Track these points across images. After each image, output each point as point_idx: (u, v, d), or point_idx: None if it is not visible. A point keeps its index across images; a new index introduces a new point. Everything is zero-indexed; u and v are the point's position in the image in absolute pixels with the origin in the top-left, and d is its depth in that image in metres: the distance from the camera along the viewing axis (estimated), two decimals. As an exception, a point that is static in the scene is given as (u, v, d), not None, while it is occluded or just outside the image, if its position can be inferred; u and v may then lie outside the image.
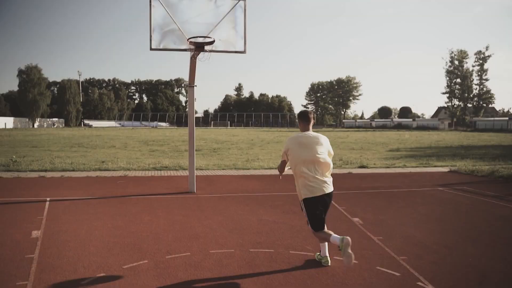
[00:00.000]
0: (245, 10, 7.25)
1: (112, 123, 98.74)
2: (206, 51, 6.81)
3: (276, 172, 6.30)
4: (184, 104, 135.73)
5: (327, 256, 4.59)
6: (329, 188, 4.50)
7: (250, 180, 10.58)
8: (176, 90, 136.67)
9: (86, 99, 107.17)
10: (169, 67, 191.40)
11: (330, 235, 4.30)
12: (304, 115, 4.71)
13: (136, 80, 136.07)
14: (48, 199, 7.63)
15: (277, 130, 75.94)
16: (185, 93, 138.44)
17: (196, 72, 8.01)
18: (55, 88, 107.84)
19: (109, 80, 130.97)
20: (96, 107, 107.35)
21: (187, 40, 6.80)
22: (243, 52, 7.31)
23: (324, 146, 4.61)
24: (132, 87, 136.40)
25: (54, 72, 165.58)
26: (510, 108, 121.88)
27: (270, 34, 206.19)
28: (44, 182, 9.95)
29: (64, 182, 9.86)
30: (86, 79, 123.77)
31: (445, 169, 13.91)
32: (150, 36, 6.79)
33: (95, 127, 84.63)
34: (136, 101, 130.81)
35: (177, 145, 25.33)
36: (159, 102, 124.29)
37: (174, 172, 12.01)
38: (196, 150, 21.87)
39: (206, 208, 7.17)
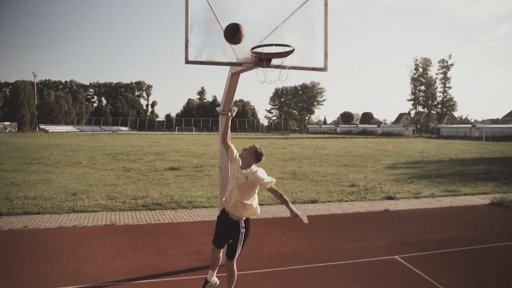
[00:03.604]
0: (326, 4, 4.77)
1: (70, 128, 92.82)
2: (284, 67, 4.27)
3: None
4: (145, 107, 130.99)
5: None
6: None
7: (284, 231, 8.07)
8: (137, 93, 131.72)
9: (41, 102, 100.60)
10: (130, 70, 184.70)
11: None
12: (261, 157, 4.76)
13: (95, 82, 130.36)
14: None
15: (244, 136, 73.69)
16: (146, 96, 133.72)
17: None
18: (7, 90, 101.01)
19: (66, 82, 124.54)
20: (53, 111, 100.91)
21: (250, 50, 4.26)
22: (323, 69, 4.81)
23: None
24: (91, 90, 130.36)
25: (6, 73, 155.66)
26: (468, 115, 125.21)
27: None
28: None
29: (28, 247, 6.74)
30: (41, 80, 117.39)
31: (482, 200, 12.06)
32: (186, 40, 4.16)
33: (51, 132, 78.96)
34: (95, 105, 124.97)
35: (152, 161, 22.43)
36: (120, 105, 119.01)
37: (174, 214, 9.34)
38: (176, 169, 19.38)
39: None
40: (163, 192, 12.03)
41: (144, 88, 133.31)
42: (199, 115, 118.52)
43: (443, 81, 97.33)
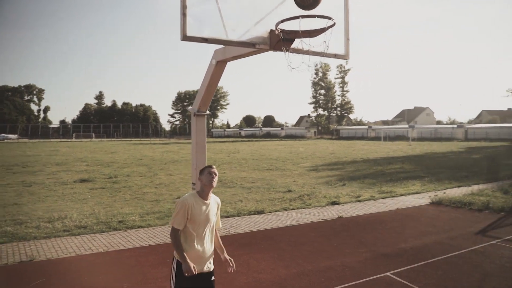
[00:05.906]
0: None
1: None
2: (323, 54, 3.14)
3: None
4: (36, 113, 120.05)
5: None
6: None
7: (248, 252, 6.92)
8: (26, 97, 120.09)
9: None
10: (18, 72, 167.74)
11: None
12: None
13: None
14: None
15: (149, 142, 70.81)
16: (37, 101, 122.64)
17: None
18: None
19: None
20: None
21: (276, 26, 3.08)
22: (345, 56, 3.80)
23: None
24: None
25: None
26: (362, 117, 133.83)
27: (131, 39, 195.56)
28: None
29: None
30: None
31: (421, 200, 12.11)
32: (184, 7, 2.86)
33: None
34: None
35: (55, 172, 19.77)
36: (6, 111, 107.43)
37: (107, 240, 7.68)
38: (88, 181, 17.12)
39: None
40: (83, 211, 10.18)
41: (35, 92, 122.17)
42: (97, 120, 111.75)
43: (341, 85, 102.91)
